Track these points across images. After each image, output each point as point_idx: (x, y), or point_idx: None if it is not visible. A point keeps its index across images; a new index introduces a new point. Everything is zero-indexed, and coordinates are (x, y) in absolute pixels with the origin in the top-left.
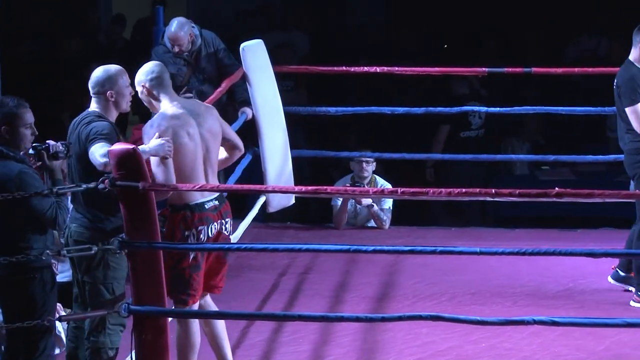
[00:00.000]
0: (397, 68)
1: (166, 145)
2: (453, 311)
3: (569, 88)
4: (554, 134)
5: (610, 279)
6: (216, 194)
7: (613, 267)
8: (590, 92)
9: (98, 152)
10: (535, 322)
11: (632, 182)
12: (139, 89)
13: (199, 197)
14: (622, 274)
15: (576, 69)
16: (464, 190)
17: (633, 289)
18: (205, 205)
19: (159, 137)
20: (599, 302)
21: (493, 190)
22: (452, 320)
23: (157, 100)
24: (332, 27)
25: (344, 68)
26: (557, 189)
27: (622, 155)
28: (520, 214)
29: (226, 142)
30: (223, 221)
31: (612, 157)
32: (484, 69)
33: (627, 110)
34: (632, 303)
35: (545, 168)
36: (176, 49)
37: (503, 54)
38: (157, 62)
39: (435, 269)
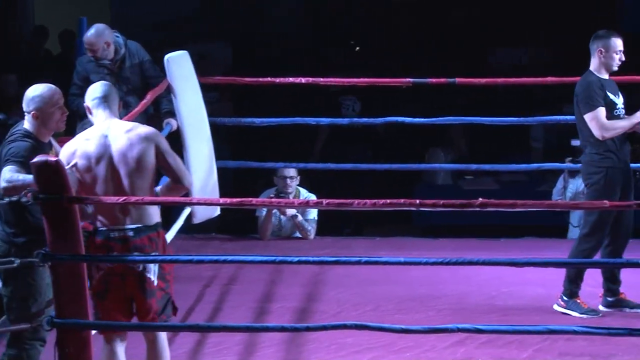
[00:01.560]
0: (322, 79)
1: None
2: (377, 320)
3: (492, 98)
4: (477, 144)
5: (601, 307)
6: (134, 225)
7: (600, 295)
8: (513, 102)
9: (3, 176)
10: (459, 330)
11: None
12: None
13: (102, 224)
14: (610, 299)
15: (499, 80)
16: (388, 201)
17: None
18: (110, 235)
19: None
20: (522, 310)
21: (417, 201)
22: (376, 329)
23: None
24: (254, 36)
25: (269, 79)
26: (480, 199)
27: (545, 164)
28: (444, 223)
29: (169, 175)
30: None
31: (534, 166)
32: (408, 79)
33: (587, 117)
34: (555, 306)
35: (469, 178)
36: (90, 54)
37: (429, 65)
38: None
39: (360, 279)
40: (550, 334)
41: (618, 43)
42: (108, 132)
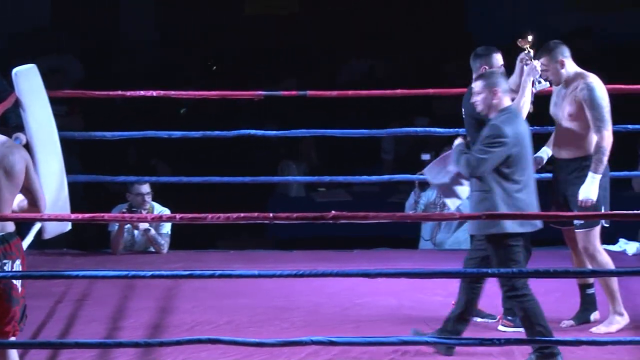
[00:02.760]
0: (172, 92)
1: None
2: (231, 334)
3: (343, 110)
4: (329, 156)
5: (502, 328)
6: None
7: (500, 317)
8: (365, 114)
9: None
10: (312, 343)
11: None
12: None
13: None
14: (510, 318)
15: (350, 92)
16: (242, 214)
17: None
18: None
19: None
20: (375, 321)
21: (271, 214)
22: (230, 343)
23: None
24: (106, 49)
25: (119, 92)
26: (333, 212)
27: (396, 176)
28: (298, 235)
29: (28, 196)
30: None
31: (386, 177)
32: (260, 92)
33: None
34: (500, 327)
35: (322, 190)
36: None
37: (279, 77)
38: None
39: (214, 293)
40: (403, 345)
41: (499, 58)
42: None
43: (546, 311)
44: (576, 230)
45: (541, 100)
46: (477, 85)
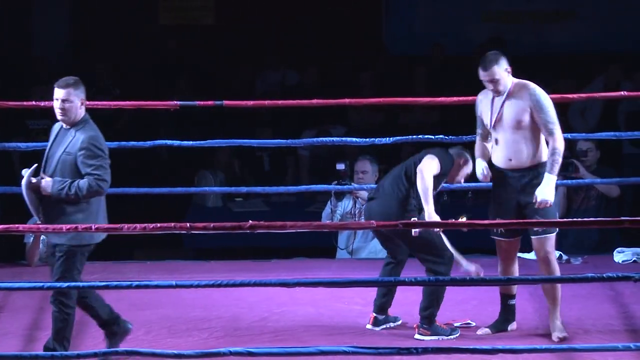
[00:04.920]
0: (87, 102)
1: None
2: (150, 345)
3: (260, 120)
4: (246, 166)
5: (419, 337)
6: None
7: (372, 316)
8: (279, 124)
9: None
10: (231, 354)
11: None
12: None
13: None
14: (380, 317)
15: (266, 102)
16: (158, 225)
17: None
18: None
19: None
20: (294, 331)
21: (188, 224)
22: (148, 354)
23: None
24: (16, 59)
25: (33, 103)
26: (250, 221)
27: (313, 186)
28: (216, 245)
29: None
30: None
31: (303, 187)
32: (176, 102)
33: None
34: (417, 336)
35: (239, 200)
36: None
37: (195, 88)
38: None
39: (131, 304)
40: (321, 355)
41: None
42: None
43: (464, 318)
44: (534, 237)
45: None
46: None
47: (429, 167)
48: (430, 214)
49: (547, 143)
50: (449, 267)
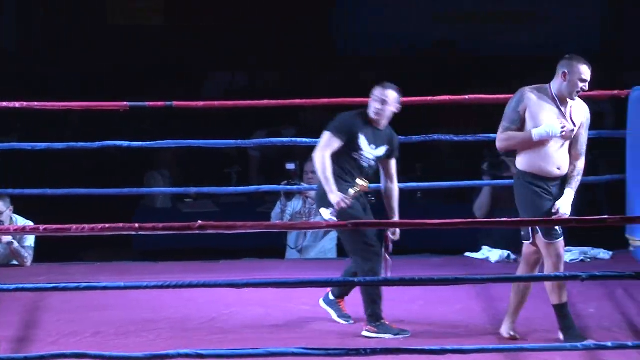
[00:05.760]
0: (36, 103)
1: None
2: (98, 347)
3: (210, 121)
4: (195, 167)
5: (366, 334)
6: None
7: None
8: (230, 125)
9: None
10: (179, 356)
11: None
12: None
13: None
14: (331, 297)
15: (216, 102)
16: (107, 225)
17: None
18: None
19: None
20: (243, 332)
21: (137, 225)
22: (96, 357)
23: None
24: None
25: None
26: (200, 222)
27: (263, 187)
28: (165, 246)
29: None
30: None
31: (253, 188)
32: (125, 103)
33: None
34: (364, 333)
35: (189, 200)
36: None
37: (145, 89)
38: None
39: (79, 305)
40: (270, 356)
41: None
42: None
43: (410, 319)
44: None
45: None
46: None
47: (318, 146)
48: (330, 197)
49: (572, 158)
50: (375, 263)
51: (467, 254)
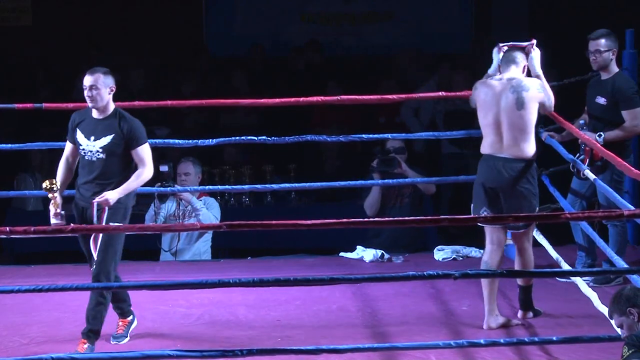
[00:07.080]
0: None
1: None
2: None
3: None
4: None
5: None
6: None
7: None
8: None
9: None
10: (53, 359)
11: None
12: None
13: None
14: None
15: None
16: None
17: None
18: None
19: None
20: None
21: (7, 229)
22: None
23: None
24: None
25: None
26: (72, 225)
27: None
28: (37, 250)
29: None
30: None
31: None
32: None
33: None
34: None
35: None
36: None
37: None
38: None
39: None
40: (146, 359)
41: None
42: None
43: (286, 319)
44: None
45: None
46: None
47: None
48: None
49: None
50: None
51: (341, 253)
